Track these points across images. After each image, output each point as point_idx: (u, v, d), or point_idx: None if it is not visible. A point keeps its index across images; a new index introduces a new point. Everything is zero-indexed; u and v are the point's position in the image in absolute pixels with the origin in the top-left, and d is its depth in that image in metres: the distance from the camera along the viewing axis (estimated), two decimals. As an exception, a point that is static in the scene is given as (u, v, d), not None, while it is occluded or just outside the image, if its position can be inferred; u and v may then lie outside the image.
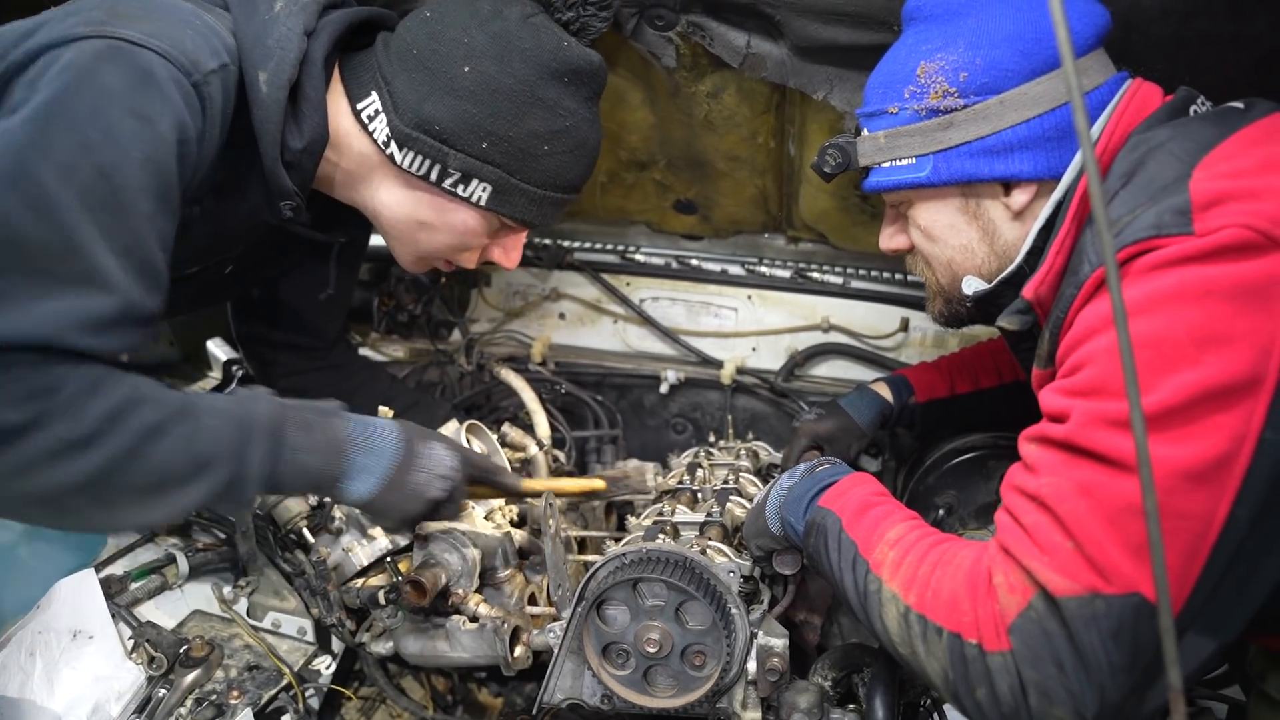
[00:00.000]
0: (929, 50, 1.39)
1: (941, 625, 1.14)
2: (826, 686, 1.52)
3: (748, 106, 2.11)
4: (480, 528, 1.78)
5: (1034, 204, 1.38)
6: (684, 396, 2.63)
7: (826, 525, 1.36)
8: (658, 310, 2.66)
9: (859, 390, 2.02)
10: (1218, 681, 1.64)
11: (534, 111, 1.52)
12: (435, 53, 1.50)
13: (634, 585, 1.46)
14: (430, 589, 1.64)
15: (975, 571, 1.15)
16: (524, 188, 1.58)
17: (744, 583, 1.53)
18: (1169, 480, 1.00)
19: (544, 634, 1.61)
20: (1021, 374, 1.91)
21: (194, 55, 1.30)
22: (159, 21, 1.29)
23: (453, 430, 1.97)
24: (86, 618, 1.71)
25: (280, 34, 1.45)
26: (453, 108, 1.50)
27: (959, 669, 1.12)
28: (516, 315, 2.75)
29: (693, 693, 1.47)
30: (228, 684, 1.77)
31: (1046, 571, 1.06)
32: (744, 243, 2.63)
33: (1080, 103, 0.80)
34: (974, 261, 1.46)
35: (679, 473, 2.07)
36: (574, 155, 1.60)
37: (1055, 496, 1.08)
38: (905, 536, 1.27)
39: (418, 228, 1.63)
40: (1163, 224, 1.07)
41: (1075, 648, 1.03)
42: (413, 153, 1.53)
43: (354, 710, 2.21)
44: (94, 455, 1.13)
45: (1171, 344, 1.02)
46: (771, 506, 1.50)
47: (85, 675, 1.66)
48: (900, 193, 1.48)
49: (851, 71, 1.84)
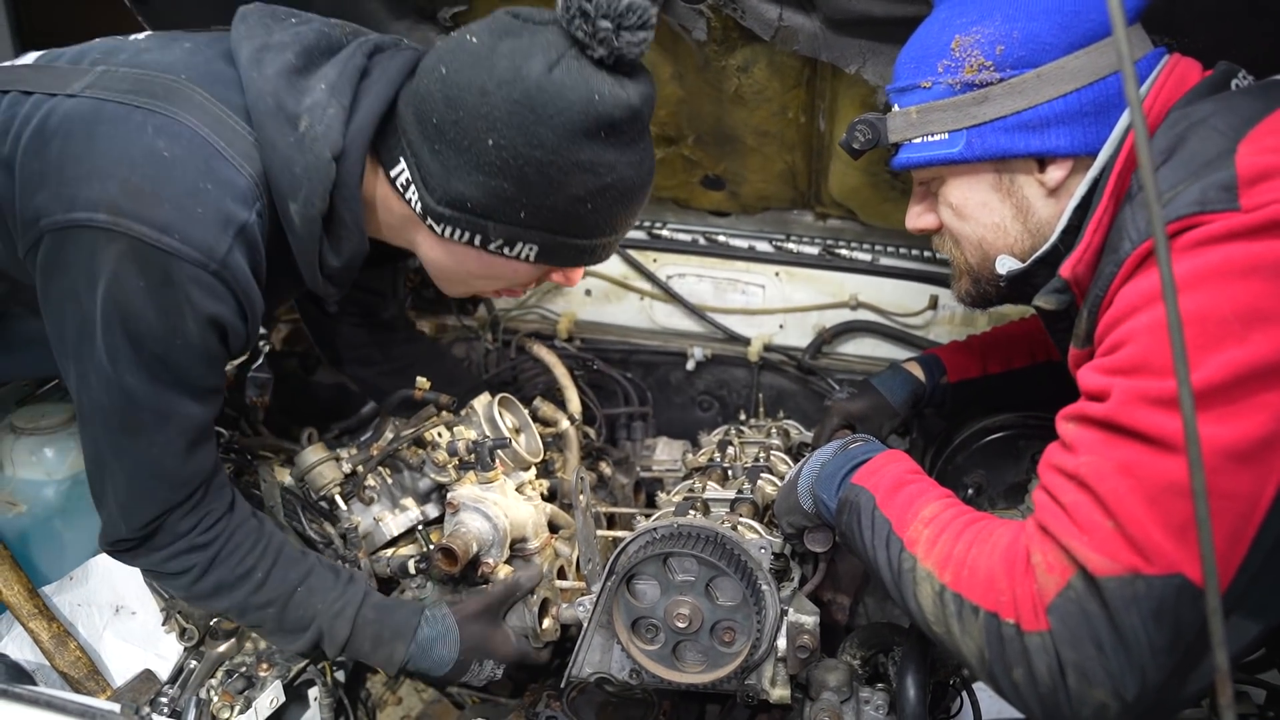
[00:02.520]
0: (964, 24, 1.35)
1: (978, 604, 1.13)
2: (855, 665, 1.53)
3: (778, 81, 2.08)
4: (512, 500, 1.78)
5: (1069, 180, 1.35)
6: (710, 373, 2.62)
7: (860, 502, 1.34)
8: (684, 287, 2.64)
9: (892, 369, 2.00)
10: (1255, 666, 1.63)
11: (570, 179, 1.38)
12: (456, 124, 1.36)
13: (664, 560, 1.45)
14: (461, 557, 1.65)
15: (1013, 550, 1.13)
16: (572, 243, 1.48)
17: (774, 560, 1.52)
18: (1214, 460, 0.98)
19: (573, 607, 1.61)
20: (1055, 354, 1.89)
21: (207, 243, 1.31)
22: (169, 203, 1.30)
23: (485, 404, 1.96)
24: (125, 593, 1.76)
25: (307, 163, 1.38)
26: (483, 185, 1.39)
27: (995, 649, 1.11)
28: (543, 291, 2.74)
29: (722, 669, 1.47)
30: (257, 656, 1.79)
31: (1086, 550, 1.04)
32: (772, 219, 2.60)
33: (1131, 71, 0.79)
34: (1006, 240, 1.43)
35: (709, 450, 2.06)
36: (621, 203, 1.47)
37: (1095, 475, 1.06)
38: (940, 515, 1.25)
39: (467, 275, 1.58)
40: (1207, 200, 1.04)
41: (1115, 628, 1.02)
42: (450, 226, 1.46)
43: (379, 683, 2.23)
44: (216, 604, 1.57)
45: (1216, 321, 1.00)
46: (804, 483, 1.48)
47: (132, 645, 1.70)
48: (931, 169, 1.45)
49: (885, 45, 1.81)
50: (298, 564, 1.61)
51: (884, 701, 1.45)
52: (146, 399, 1.38)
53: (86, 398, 1.39)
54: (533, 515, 1.77)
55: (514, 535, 1.73)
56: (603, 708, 1.78)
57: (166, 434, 1.41)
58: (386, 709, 2.24)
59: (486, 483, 1.80)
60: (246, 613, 1.58)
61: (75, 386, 1.41)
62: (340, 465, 1.87)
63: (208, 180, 1.33)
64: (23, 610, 1.61)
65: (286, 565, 1.59)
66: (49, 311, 1.39)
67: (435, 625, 1.67)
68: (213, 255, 1.32)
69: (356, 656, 1.67)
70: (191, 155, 1.33)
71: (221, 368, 1.48)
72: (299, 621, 1.59)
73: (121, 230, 1.28)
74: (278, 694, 1.74)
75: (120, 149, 1.31)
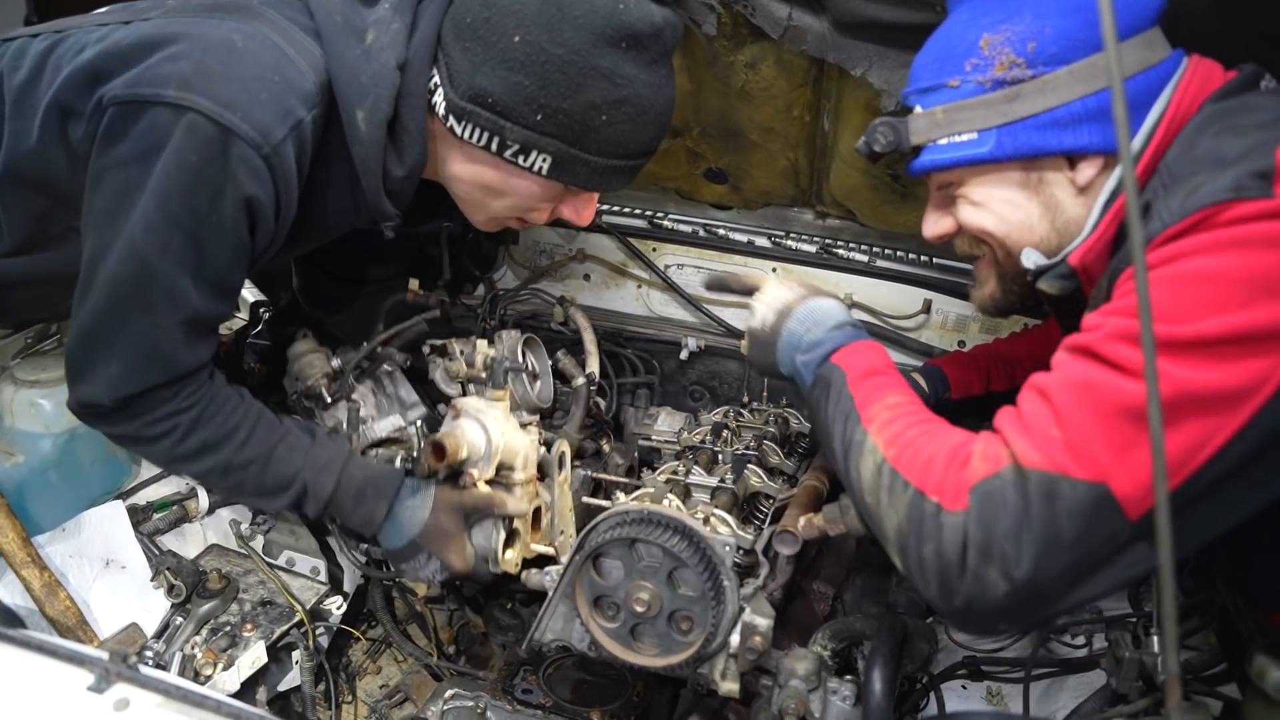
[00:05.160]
0: (991, 22, 1.34)
1: (909, 480, 1.20)
2: (825, 656, 1.55)
3: (785, 79, 2.10)
4: (512, 426, 1.78)
5: (1099, 178, 1.34)
6: (703, 364, 2.64)
7: (831, 379, 1.41)
8: (682, 277, 2.66)
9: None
10: (1215, 679, 1.66)
11: (589, 82, 1.45)
12: (487, 21, 1.45)
13: (631, 544, 1.48)
14: (451, 455, 1.64)
15: (961, 446, 1.20)
16: (585, 158, 1.53)
17: (744, 555, 1.54)
18: (1177, 395, 1.04)
19: (541, 576, 1.63)
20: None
21: (265, 126, 1.39)
22: (237, 83, 1.37)
23: (513, 340, 1.98)
24: (117, 547, 1.79)
25: (374, 71, 1.47)
26: (505, 80, 1.46)
27: (914, 523, 1.17)
28: (542, 274, 2.76)
29: (675, 655, 1.50)
30: (242, 617, 1.82)
31: (1024, 445, 1.11)
32: (772, 215, 2.62)
33: (1119, 77, 0.81)
34: (1032, 238, 1.41)
35: (704, 431, 2.08)
36: (637, 123, 1.53)
37: (1056, 387, 1.13)
38: (904, 403, 1.32)
39: (485, 192, 1.63)
40: (1242, 186, 1.07)
41: (1027, 513, 1.08)
42: (470, 124, 1.51)
43: (360, 652, 2.27)
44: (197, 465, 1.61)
45: (1225, 281, 1.04)
46: (785, 349, 1.54)
47: (120, 599, 1.73)
48: (953, 171, 1.42)
49: (892, 50, 1.83)
50: (277, 423, 1.67)
51: (851, 693, 1.47)
52: (164, 276, 1.43)
53: (102, 267, 1.43)
54: (526, 447, 1.77)
55: (503, 459, 1.72)
56: (578, 685, 1.82)
57: (172, 318, 1.47)
58: (366, 677, 2.28)
59: (493, 400, 1.79)
60: (230, 472, 1.61)
61: (91, 255, 1.45)
62: (329, 360, 1.91)
63: (275, 73, 1.42)
64: (16, 558, 1.64)
65: (268, 424, 1.65)
66: (92, 180, 1.44)
67: (414, 494, 1.71)
68: (268, 139, 1.39)
69: (337, 513, 1.71)
70: (263, 51, 1.43)
71: (243, 263, 1.53)
72: (281, 478, 1.64)
73: (186, 104, 1.35)
74: (260, 654, 1.77)
75: (196, 38, 1.41)
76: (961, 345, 2.45)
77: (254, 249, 1.52)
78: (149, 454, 1.70)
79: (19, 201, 1.58)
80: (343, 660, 2.23)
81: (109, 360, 1.47)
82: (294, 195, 1.50)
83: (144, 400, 1.50)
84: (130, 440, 1.61)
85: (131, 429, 1.54)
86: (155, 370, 1.49)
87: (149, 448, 1.59)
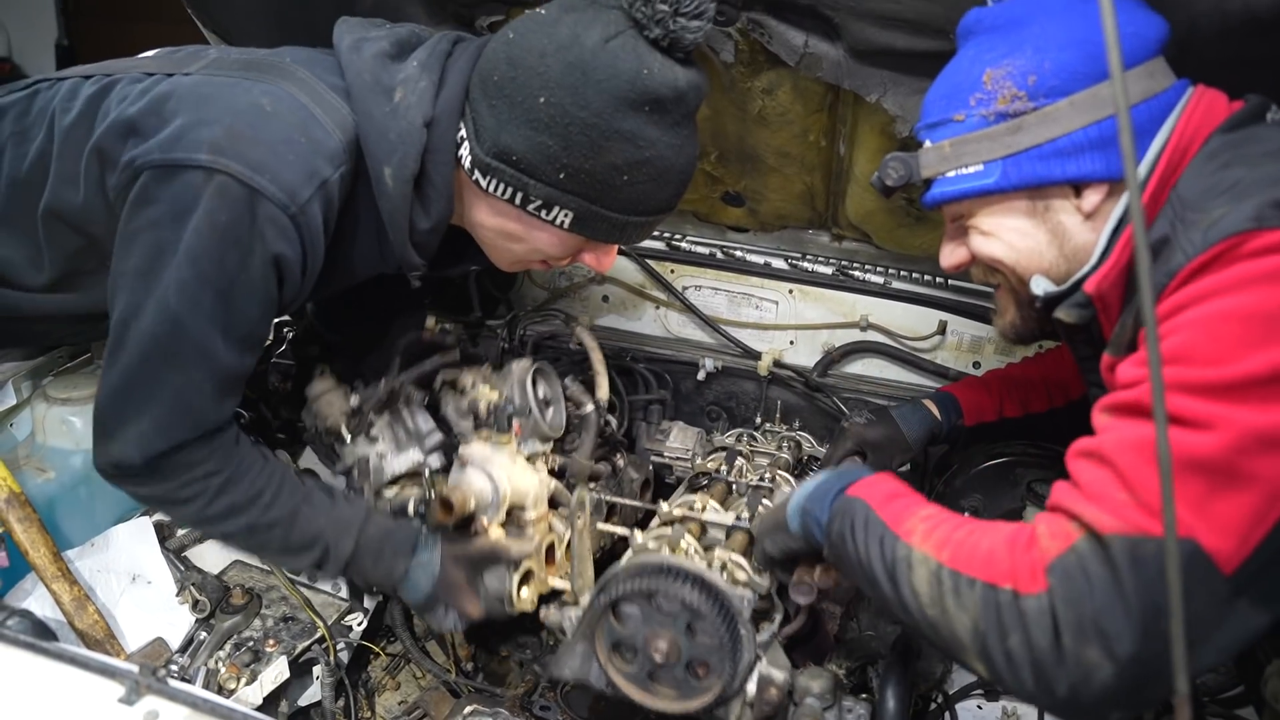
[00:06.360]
0: (994, 58, 1.37)
1: (975, 577, 1.12)
2: (841, 675, 1.56)
3: (801, 104, 2.13)
4: (520, 468, 1.80)
5: (1105, 205, 1.36)
6: (720, 385, 2.66)
7: (854, 509, 1.33)
8: (700, 299, 2.69)
9: (912, 404, 2.02)
10: (1231, 702, 1.66)
11: (611, 144, 1.47)
12: (513, 80, 1.48)
13: (650, 595, 1.49)
14: (458, 510, 1.68)
15: (1019, 532, 1.14)
16: (606, 214, 1.56)
17: (759, 600, 1.55)
18: (1243, 440, 1.00)
19: (560, 616, 1.66)
20: (1074, 396, 1.92)
21: (292, 186, 1.43)
22: (265, 146, 1.42)
23: (522, 368, 2.01)
24: (143, 562, 1.82)
25: (401, 129, 1.51)
26: (529, 139, 1.48)
27: (990, 617, 1.08)
28: (561, 295, 2.80)
29: (692, 701, 1.51)
30: (264, 632, 1.84)
31: (1095, 513, 1.04)
32: (789, 237, 2.64)
33: (1123, 89, 0.83)
34: (1041, 265, 1.43)
35: (719, 458, 2.09)
36: (658, 182, 1.55)
37: (1114, 450, 1.07)
38: (939, 513, 1.25)
39: (509, 239, 1.66)
40: (1263, 216, 1.07)
41: (1117, 585, 1.00)
42: (495, 179, 1.55)
43: (379, 668, 2.28)
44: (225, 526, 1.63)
45: (1263, 319, 1.02)
46: (794, 504, 1.47)
47: (146, 613, 1.76)
48: (963, 203, 1.45)
49: (907, 76, 1.86)
50: (299, 485, 1.70)
51: (866, 712, 1.48)
52: (196, 333, 1.46)
53: (134, 326, 1.46)
54: (535, 487, 1.79)
55: (513, 501, 1.76)
56: (596, 701, 1.83)
57: (203, 373, 1.50)
58: (385, 693, 2.29)
59: (498, 445, 1.81)
60: (255, 532, 1.64)
61: (122, 315, 1.47)
62: (348, 398, 1.93)
63: (302, 135, 1.46)
64: (47, 572, 1.67)
65: (291, 486, 1.68)
66: (123, 241, 1.48)
67: (426, 551, 1.74)
68: (295, 199, 1.44)
69: (358, 572, 1.74)
70: (290, 113, 1.48)
71: (270, 317, 1.57)
72: (305, 538, 1.67)
73: (219, 168, 1.39)
74: (282, 669, 1.79)
75: (227, 103, 1.46)
76: (976, 367, 2.46)
77: (281, 301, 1.56)
78: (178, 515, 1.73)
79: (59, 238, 1.63)
80: (362, 676, 2.25)
81: (140, 417, 1.49)
82: (320, 251, 1.54)
83: (174, 460, 1.53)
84: (160, 502, 1.63)
85: (162, 490, 1.56)
86: (185, 426, 1.51)
87: (179, 509, 1.61)
